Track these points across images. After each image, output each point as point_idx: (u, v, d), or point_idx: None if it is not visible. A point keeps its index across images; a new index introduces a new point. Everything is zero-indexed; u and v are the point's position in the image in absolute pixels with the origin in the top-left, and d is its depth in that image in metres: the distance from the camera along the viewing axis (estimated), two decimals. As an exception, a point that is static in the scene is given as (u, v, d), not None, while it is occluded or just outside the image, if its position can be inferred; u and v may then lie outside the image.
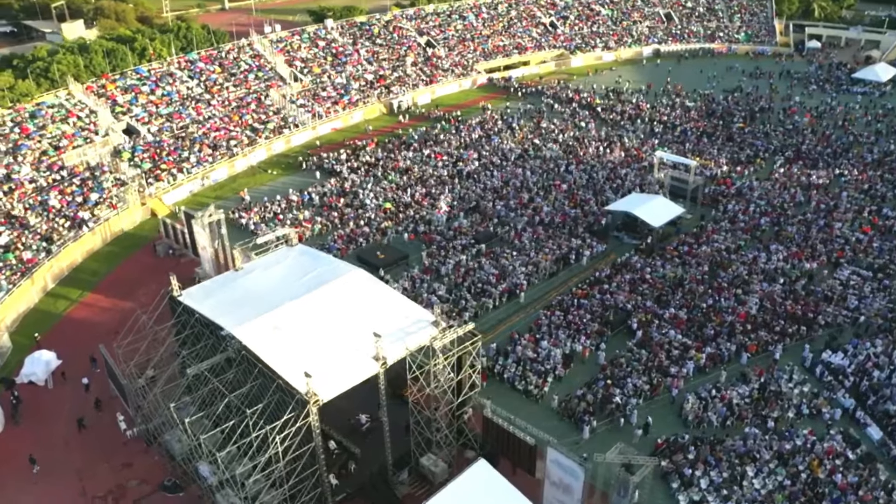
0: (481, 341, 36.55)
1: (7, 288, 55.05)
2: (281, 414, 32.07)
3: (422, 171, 73.62)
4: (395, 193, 68.98)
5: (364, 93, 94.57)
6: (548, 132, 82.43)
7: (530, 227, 62.11)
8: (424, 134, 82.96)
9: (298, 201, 68.53)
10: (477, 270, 55.71)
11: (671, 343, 47.00)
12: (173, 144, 76.64)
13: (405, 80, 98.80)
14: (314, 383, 32.68)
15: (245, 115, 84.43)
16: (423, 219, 64.04)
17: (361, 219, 64.44)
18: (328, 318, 36.93)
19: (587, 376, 45.15)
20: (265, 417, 32.62)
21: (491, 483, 32.07)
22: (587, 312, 50.39)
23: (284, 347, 34.90)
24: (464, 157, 76.47)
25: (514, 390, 44.45)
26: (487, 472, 32.63)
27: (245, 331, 35.67)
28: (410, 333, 35.92)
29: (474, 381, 37.22)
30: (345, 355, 34.78)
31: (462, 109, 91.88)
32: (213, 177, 75.12)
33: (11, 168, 66.84)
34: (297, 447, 32.69)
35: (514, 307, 52.58)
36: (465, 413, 38.59)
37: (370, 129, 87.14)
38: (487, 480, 32.23)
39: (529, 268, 55.93)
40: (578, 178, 71.00)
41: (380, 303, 38.22)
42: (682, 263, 56.02)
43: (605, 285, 53.43)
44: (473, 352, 36.00)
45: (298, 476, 33.60)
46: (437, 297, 52.56)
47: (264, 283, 40.63)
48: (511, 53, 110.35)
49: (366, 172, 73.88)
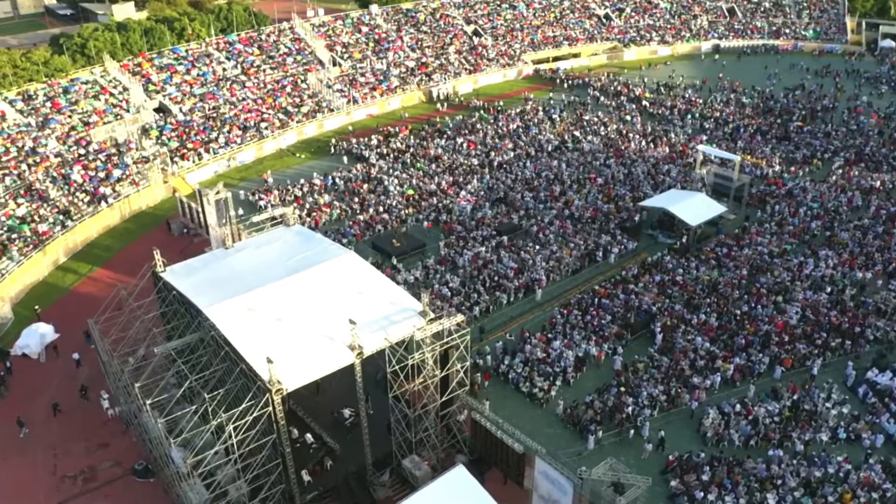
0: (488, 338, 33.23)
1: (18, 259, 54.31)
2: (243, 401, 29.43)
3: (452, 159, 70.48)
4: (421, 181, 66.06)
5: (404, 80, 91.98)
6: (590, 125, 78.19)
7: (558, 220, 58.27)
8: (460, 123, 79.88)
9: (321, 185, 66.35)
10: (495, 263, 52.25)
11: (696, 351, 42.69)
12: (203, 124, 75.48)
13: (447, 68, 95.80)
14: (279, 370, 29.95)
15: (279, 98, 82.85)
16: (446, 208, 60.91)
17: (382, 205, 61.72)
18: (309, 302, 34.24)
19: (599, 382, 41.29)
20: (227, 404, 30.09)
21: (466, 490, 28.87)
22: (607, 313, 46.41)
23: (256, 331, 32.36)
24: (498, 146, 73.03)
25: (517, 392, 40.94)
26: (463, 478, 29.45)
27: (216, 311, 33.27)
28: (395, 323, 32.88)
29: (462, 378, 33.90)
30: (319, 342, 31.98)
31: (504, 100, 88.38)
32: (240, 158, 73.63)
33: (38, 141, 66.57)
34: (259, 437, 30.01)
35: (530, 304, 48.96)
36: (455, 414, 35.33)
37: (406, 116, 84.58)
38: (462, 487, 29.06)
39: (551, 263, 52.19)
40: (616, 172, 66.71)
41: (367, 289, 35.31)
42: (718, 266, 51.37)
43: (630, 285, 49.29)
44: (461, 345, 32.70)
45: (261, 469, 30.94)
46: (448, 288, 49.40)
47: (251, 262, 38.30)
48: (561, 45, 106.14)
49: (394, 159, 71.23)
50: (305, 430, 36.27)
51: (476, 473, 34.21)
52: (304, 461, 34.66)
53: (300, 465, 34.39)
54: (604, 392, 40.01)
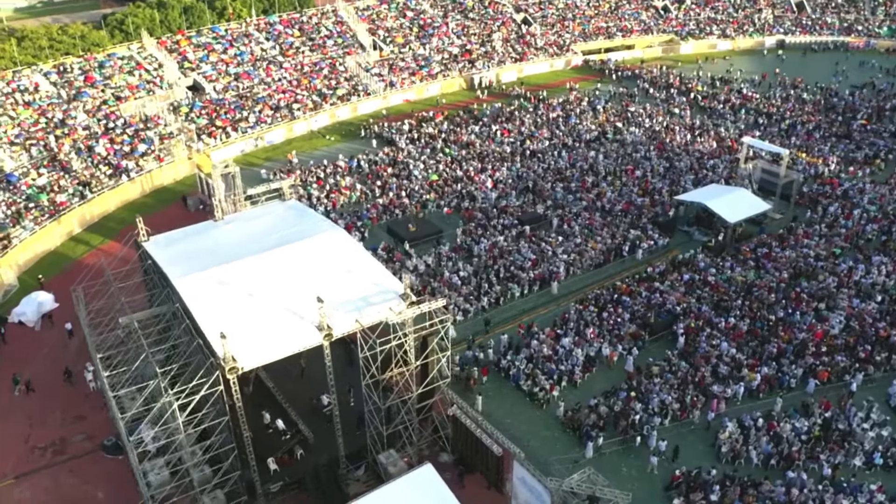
0: (493, 332, 30.18)
1: (31, 228, 53.74)
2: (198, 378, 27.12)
3: (483, 146, 67.36)
4: (448, 167, 63.14)
5: (445, 66, 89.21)
6: (635, 116, 73.88)
7: (587, 212, 54.56)
8: (498, 110, 76.72)
9: (345, 168, 64.18)
10: (512, 253, 48.97)
11: (721, 357, 38.61)
12: (234, 103, 74.29)
13: (492, 55, 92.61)
14: (239, 348, 27.54)
15: (315, 80, 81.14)
16: (469, 194, 57.89)
17: (403, 189, 59.10)
18: (286, 278, 31.80)
19: (608, 385, 37.64)
20: (182, 380, 27.82)
21: (429, 491, 25.91)
22: (626, 311, 42.62)
23: (223, 305, 30.11)
24: (534, 135, 69.57)
25: (518, 390, 37.66)
26: (429, 478, 26.57)
27: (186, 282, 31.22)
28: (372, 305, 30.09)
29: (443, 369, 30.88)
30: (288, 321, 29.47)
31: (548, 89, 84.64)
32: (268, 138, 72.13)
33: (68, 114, 66.32)
34: (216, 419, 27.68)
35: (545, 298, 45.53)
36: (437, 407, 32.31)
37: (443, 103, 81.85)
38: (427, 487, 26.14)
39: (572, 256, 48.59)
40: (657, 165, 62.44)
41: (349, 268, 32.66)
42: (756, 267, 46.88)
43: (656, 283, 45.32)
44: (442, 331, 29.67)
45: (217, 452, 28.62)
46: (459, 277, 46.40)
47: (236, 235, 36.22)
48: (614, 36, 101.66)
49: (425, 144, 68.55)
50: (281, 415, 33.83)
51: (456, 475, 31.34)
52: (273, 448, 32.27)
53: (269, 451, 32.08)
54: (611, 396, 36.38)
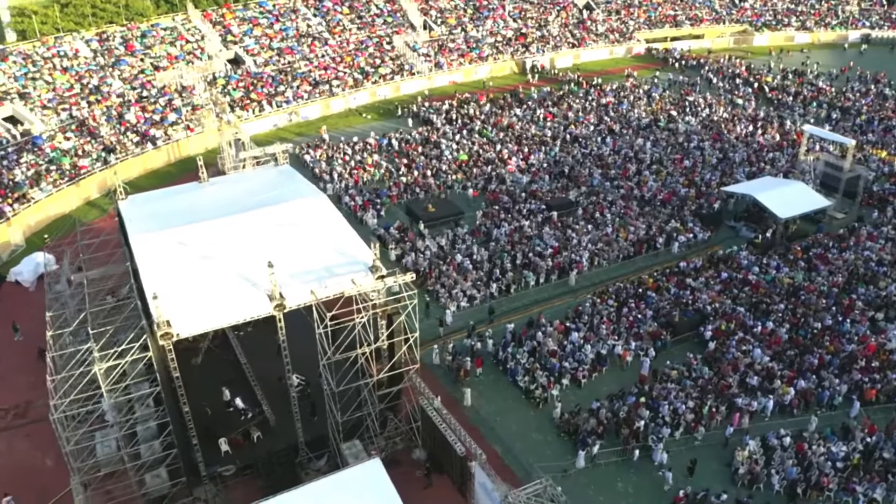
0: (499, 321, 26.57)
1: (48, 191, 52.86)
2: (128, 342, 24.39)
3: (524, 129, 63.28)
4: (482, 148, 59.39)
5: (497, 49, 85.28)
6: (693, 105, 68.33)
7: (623, 200, 49.93)
8: (546, 94, 72.41)
9: (375, 145, 61.26)
10: (534, 239, 44.92)
11: (752, 366, 33.69)
12: (273, 78, 72.43)
13: (548, 40, 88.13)
14: (177, 312, 24.68)
15: (358, 58, 78.53)
16: (499, 176, 54.01)
17: (430, 168, 55.70)
18: (250, 242, 28.85)
19: (617, 387, 33.27)
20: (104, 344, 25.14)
21: (370, 487, 22.51)
22: (650, 308, 38.04)
23: (176, 266, 27.34)
24: (580, 119, 65.06)
25: (514, 386, 33.71)
26: (374, 473, 23.20)
27: (143, 240, 28.73)
28: (336, 276, 26.72)
29: (411, 353, 27.31)
30: (241, 288, 26.42)
31: (604, 76, 79.72)
32: (303, 114, 69.93)
33: (104, 81, 65.66)
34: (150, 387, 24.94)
35: (562, 289, 41.34)
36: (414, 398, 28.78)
37: (490, 85, 78.00)
38: (368, 484, 22.78)
39: (599, 246, 44.17)
40: (709, 155, 57.03)
41: (321, 235, 29.42)
42: (807, 269, 41.43)
43: (688, 279, 40.50)
44: (409, 306, 26.05)
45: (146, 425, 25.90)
46: (472, 261, 42.69)
47: (215, 197, 33.63)
48: (682, 24, 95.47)
49: (462, 125, 64.94)
50: (247, 394, 30.92)
51: (423, 474, 27.76)
52: (230, 428, 29.40)
53: (226, 431, 29.22)
54: (617, 399, 32.02)
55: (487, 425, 31.43)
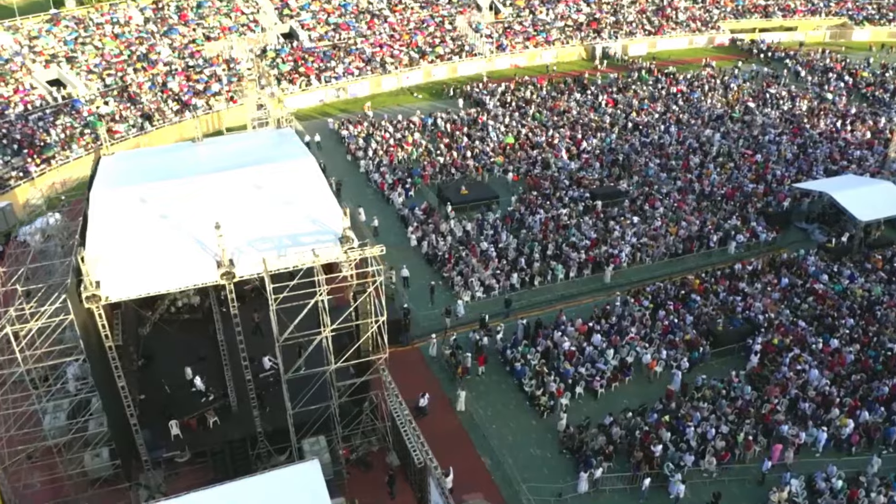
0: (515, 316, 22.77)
1: (78, 154, 51.66)
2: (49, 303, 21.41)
3: (582, 114, 58.35)
4: (532, 132, 54.85)
5: (566, 34, 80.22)
6: (773, 98, 61.68)
7: (679, 194, 44.55)
8: (613, 81, 67.10)
9: (419, 124, 57.60)
10: (570, 229, 40.25)
11: (805, 388, 28.15)
12: (325, 52, 69.81)
13: (622, 26, 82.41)
14: (112, 273, 21.57)
15: (416, 37, 75.05)
16: (545, 161, 49.39)
17: (471, 149, 51.59)
18: (218, 203, 25.48)
19: (639, 401, 28.38)
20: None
21: (302, 492, 18.81)
22: (690, 313, 32.84)
23: (130, 223, 24.33)
24: (644, 107, 59.57)
25: (519, 391, 29.28)
26: (310, 476, 19.47)
27: (102, 195, 26.00)
28: (300, 245, 23.02)
29: (379, 339, 23.35)
30: (193, 251, 23.09)
31: (679, 66, 73.59)
32: (352, 90, 66.94)
33: (153, 49, 64.47)
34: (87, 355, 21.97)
35: (593, 285, 36.58)
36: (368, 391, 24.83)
37: (554, 70, 73.09)
38: (301, 487, 19.06)
39: (643, 240, 39.12)
40: (784, 150, 50.67)
41: (298, 200, 25.77)
42: (887, 281, 35.18)
43: (742, 283, 35.00)
44: (378, 279, 22.08)
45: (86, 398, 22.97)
46: (497, 248, 38.43)
47: (201, 156, 30.74)
48: (772, 15, 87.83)
49: (516, 108, 60.52)
50: (216, 375, 27.67)
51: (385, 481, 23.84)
52: (185, 410, 26.24)
53: (182, 413, 26.09)
54: (636, 415, 27.15)
55: (479, 432, 27.19)
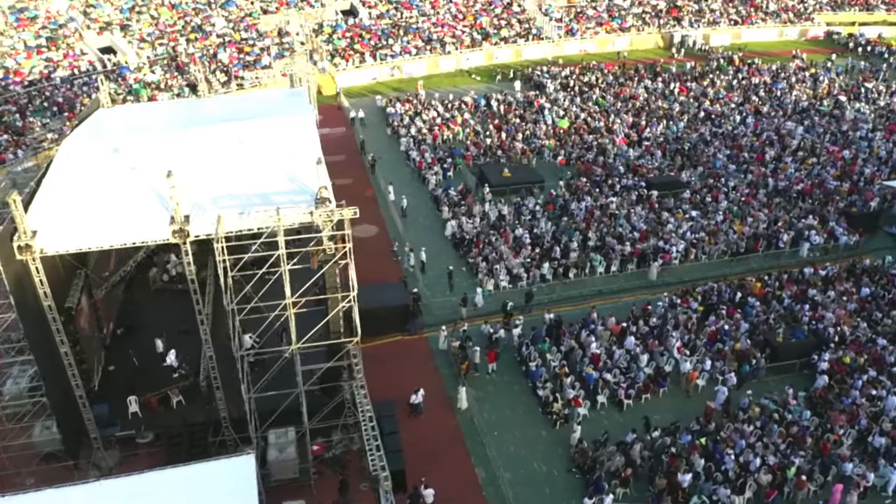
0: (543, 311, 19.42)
1: (117, 119, 50.30)
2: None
3: (650, 101, 53.56)
4: (591, 116, 50.45)
5: (643, 20, 74.98)
6: (869, 92, 55.19)
7: (749, 189, 39.48)
8: (689, 70, 61.83)
9: (471, 105, 54.03)
10: (619, 219, 35.91)
11: (877, 419, 23.13)
12: (383, 30, 67.07)
13: (705, 14, 76.52)
14: (51, 223, 18.94)
15: (481, 18, 71.43)
16: (600, 147, 45.01)
17: (522, 131, 47.71)
18: (195, 157, 22.63)
19: (672, 416, 24.00)
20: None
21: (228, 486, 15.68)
22: (746, 320, 28.07)
23: (92, 174, 21.72)
24: (719, 97, 54.24)
25: (531, 394, 25.35)
26: (242, 471, 16.39)
27: (74, 144, 23.87)
28: (271, 205, 19.81)
29: (353, 321, 19.91)
30: (153, 206, 20.23)
31: (765, 57, 67.37)
32: (407, 70, 63.86)
33: (208, 20, 63.19)
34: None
35: (637, 281, 32.19)
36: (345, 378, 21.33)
37: (625, 57, 68.13)
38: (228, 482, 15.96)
39: (701, 235, 34.40)
40: (877, 147, 44.60)
41: (281, 158, 22.58)
42: None
43: (812, 290, 29.92)
44: (347, 246, 18.65)
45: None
46: (532, 234, 34.53)
47: (200, 110, 28.04)
48: (875, 8, 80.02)
49: (578, 93, 56.15)
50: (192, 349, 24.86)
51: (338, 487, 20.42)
52: (152, 386, 23.52)
53: (147, 389, 23.39)
54: (666, 434, 22.79)
55: (477, 438, 23.39)
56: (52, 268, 20.54)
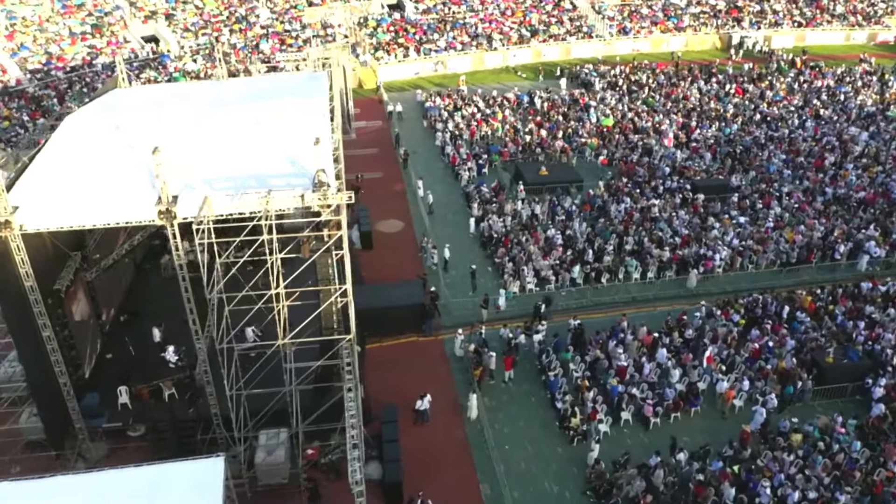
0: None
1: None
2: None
3: (701, 102, 50.85)
4: (638, 116, 48.04)
5: (701, 21, 71.87)
6: (946, 99, 51.43)
7: (805, 195, 36.65)
8: (746, 72, 58.76)
9: (514, 101, 52.16)
10: (659, 222, 33.59)
11: (943, 454, 20.46)
12: (429, 25, 65.71)
13: (766, 15, 72.94)
14: (34, 200, 17.86)
15: (531, 14, 69.44)
16: (646, 147, 42.64)
17: (564, 129, 45.63)
18: (196, 137, 21.38)
19: (702, 439, 21.70)
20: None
21: (195, 488, 14.28)
22: (793, 336, 25.52)
23: (87, 150, 20.73)
24: (777, 99, 51.18)
25: (549, 407, 23.35)
26: (210, 474, 14.91)
27: (75, 120, 22.73)
28: (267, 188, 18.35)
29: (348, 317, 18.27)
30: (144, 186, 18.99)
31: (829, 60, 63.69)
32: (451, 65, 62.30)
33: (252, 11, 62.90)
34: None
35: (674, 289, 29.84)
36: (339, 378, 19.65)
37: (679, 57, 65.19)
38: (194, 484, 14.50)
39: (748, 243, 31.84)
40: (951, 156, 41.19)
41: (285, 140, 21.03)
42: None
43: (870, 307, 27.14)
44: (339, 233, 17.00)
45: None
46: (564, 236, 32.48)
47: (215, 92, 26.81)
48: (955, 11, 74.96)
49: (627, 92, 53.74)
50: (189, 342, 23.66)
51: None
52: (147, 377, 22.35)
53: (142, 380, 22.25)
54: (694, 459, 20.54)
55: (486, 453, 21.51)
56: (40, 247, 19.53)
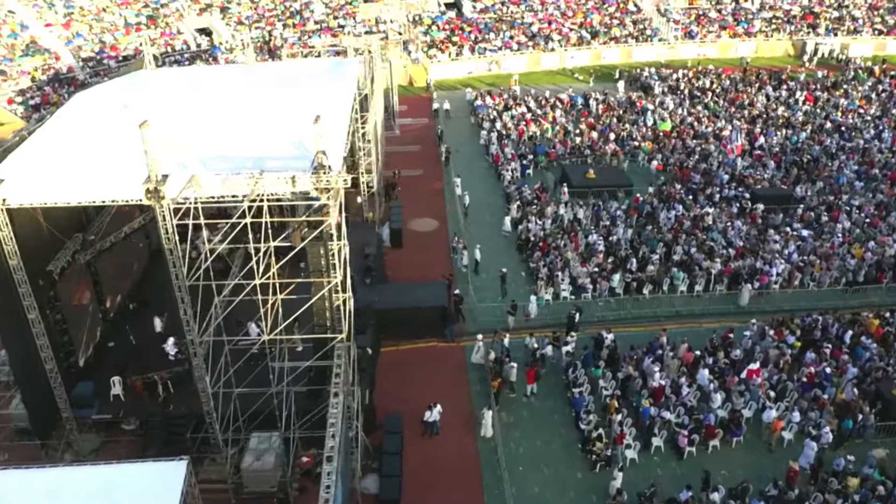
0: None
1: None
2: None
3: (768, 108, 47.76)
4: (698, 120, 45.31)
5: (774, 26, 68.16)
6: None
7: (877, 210, 33.43)
8: (819, 79, 55.17)
9: (567, 102, 50.03)
10: (712, 232, 30.99)
11: None
12: (485, 24, 64.10)
13: (845, 22, 68.68)
14: (23, 175, 16.90)
15: (592, 16, 67.02)
16: (704, 152, 39.94)
17: (617, 132, 43.29)
18: (204, 117, 20.17)
19: (742, 475, 19.20)
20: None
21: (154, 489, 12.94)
22: (855, 363, 22.70)
23: (87, 126, 19.74)
24: (851, 107, 47.70)
25: (573, 427, 21.20)
26: (171, 476, 13.65)
27: (83, 98, 21.77)
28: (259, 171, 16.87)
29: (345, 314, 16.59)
30: (133, 163, 17.76)
31: (914, 70, 59.40)
32: (505, 65, 60.47)
33: (306, 6, 62.51)
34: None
35: (723, 305, 27.23)
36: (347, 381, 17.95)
37: (747, 64, 61.83)
38: (152, 487, 13.13)
39: (811, 258, 28.96)
40: None
41: (295, 123, 19.50)
42: None
43: (947, 336, 24.08)
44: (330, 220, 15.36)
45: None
46: (608, 242, 30.26)
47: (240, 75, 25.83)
48: None
49: (688, 97, 50.95)
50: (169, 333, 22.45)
51: None
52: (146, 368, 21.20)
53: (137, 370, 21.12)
54: (729, 498, 18.09)
55: (497, 473, 19.49)
56: (33, 225, 18.53)
